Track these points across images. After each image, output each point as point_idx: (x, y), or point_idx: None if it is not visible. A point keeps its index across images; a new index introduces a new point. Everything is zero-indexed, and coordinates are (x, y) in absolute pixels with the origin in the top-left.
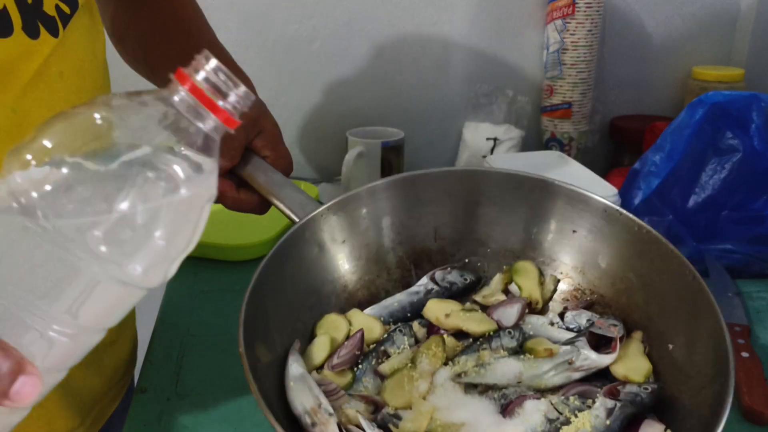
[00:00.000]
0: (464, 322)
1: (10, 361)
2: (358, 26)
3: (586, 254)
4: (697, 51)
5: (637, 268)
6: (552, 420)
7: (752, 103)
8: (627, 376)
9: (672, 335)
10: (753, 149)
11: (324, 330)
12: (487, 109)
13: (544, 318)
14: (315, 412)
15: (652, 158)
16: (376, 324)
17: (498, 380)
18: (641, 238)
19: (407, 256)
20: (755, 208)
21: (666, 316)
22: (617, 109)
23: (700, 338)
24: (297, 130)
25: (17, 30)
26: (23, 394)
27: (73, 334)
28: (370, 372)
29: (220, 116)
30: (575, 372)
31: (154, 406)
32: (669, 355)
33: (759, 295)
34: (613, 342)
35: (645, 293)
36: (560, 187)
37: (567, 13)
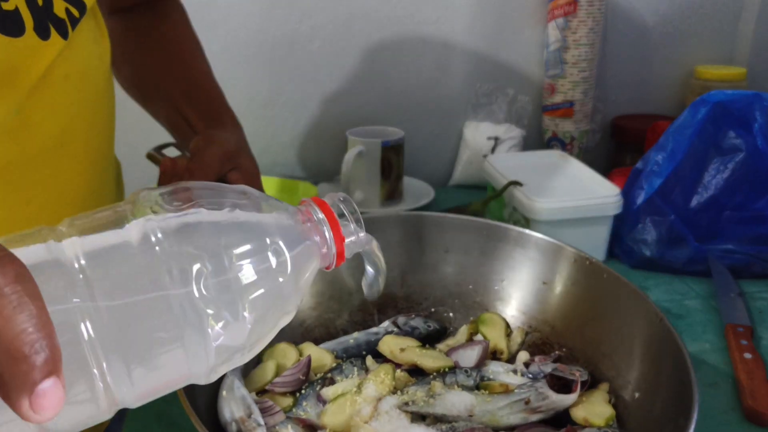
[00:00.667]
0: (419, 358)
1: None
2: (357, 25)
3: (556, 306)
4: (699, 50)
5: (606, 316)
6: None
7: (755, 102)
8: (587, 419)
9: (639, 383)
10: (756, 149)
11: (271, 356)
12: (488, 108)
13: (507, 365)
14: (243, 421)
15: (655, 158)
16: (328, 356)
17: (448, 411)
18: (610, 285)
19: (371, 301)
20: (757, 208)
21: (633, 364)
22: (619, 108)
23: (667, 381)
24: (296, 130)
25: (29, 30)
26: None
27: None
28: (312, 397)
29: (338, 247)
30: (532, 414)
31: (153, 408)
32: (635, 402)
33: (762, 296)
34: (575, 384)
35: (613, 342)
36: (531, 236)
37: (568, 11)
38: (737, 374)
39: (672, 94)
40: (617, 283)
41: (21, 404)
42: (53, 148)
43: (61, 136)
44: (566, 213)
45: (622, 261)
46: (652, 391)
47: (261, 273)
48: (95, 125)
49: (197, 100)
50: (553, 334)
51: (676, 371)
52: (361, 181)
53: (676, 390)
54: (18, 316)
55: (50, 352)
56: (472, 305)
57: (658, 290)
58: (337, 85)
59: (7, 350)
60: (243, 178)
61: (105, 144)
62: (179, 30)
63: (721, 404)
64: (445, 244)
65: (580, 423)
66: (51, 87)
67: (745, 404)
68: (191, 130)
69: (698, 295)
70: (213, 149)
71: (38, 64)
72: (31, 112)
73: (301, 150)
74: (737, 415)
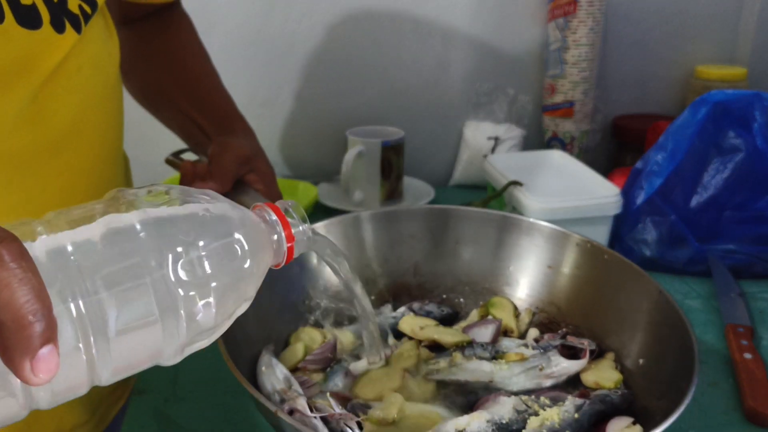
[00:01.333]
0: (439, 334)
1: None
2: (357, 24)
3: (561, 288)
4: (699, 50)
5: (609, 294)
6: (520, 411)
7: (755, 102)
8: (598, 383)
9: (643, 352)
10: (756, 148)
11: (298, 339)
12: (488, 108)
13: (519, 341)
14: (285, 392)
15: (655, 157)
16: (350, 336)
17: (469, 378)
18: (611, 265)
19: (387, 288)
20: (758, 208)
21: (636, 336)
22: (619, 108)
23: (670, 349)
24: (297, 129)
25: (46, 24)
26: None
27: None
28: (341, 373)
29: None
30: (546, 379)
31: (152, 407)
32: (641, 369)
33: (762, 296)
34: (583, 351)
35: (616, 317)
36: (535, 224)
37: (568, 11)
38: (738, 374)
39: (672, 94)
40: (618, 262)
41: (23, 366)
42: (67, 135)
43: (74, 124)
44: (566, 213)
45: None
46: (656, 358)
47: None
48: (107, 116)
49: (210, 109)
50: (560, 314)
51: (678, 339)
52: (361, 181)
53: (679, 356)
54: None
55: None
56: (482, 291)
57: None
58: (336, 84)
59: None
60: (260, 180)
61: (115, 135)
62: (187, 40)
63: (722, 404)
64: (455, 235)
65: (591, 387)
66: (65, 77)
67: (745, 404)
68: (205, 137)
69: (699, 295)
70: (231, 153)
71: (54, 55)
72: (45, 100)
73: (301, 150)
74: (738, 416)
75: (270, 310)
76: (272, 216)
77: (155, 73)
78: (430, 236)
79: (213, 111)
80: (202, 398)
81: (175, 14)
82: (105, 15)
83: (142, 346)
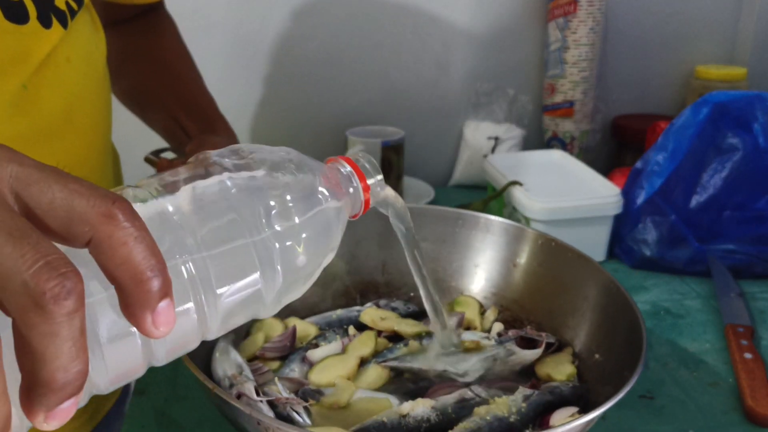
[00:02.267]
0: (398, 325)
1: (165, 276)
2: (357, 25)
3: (525, 285)
4: (699, 50)
5: (570, 291)
6: (467, 399)
7: (756, 103)
8: (550, 375)
9: (600, 346)
10: (756, 148)
11: (260, 329)
12: (488, 108)
13: (481, 333)
14: (234, 377)
15: (655, 158)
16: (312, 328)
17: (423, 366)
18: (573, 262)
19: (354, 285)
20: (758, 208)
21: (594, 331)
22: (619, 107)
23: (623, 342)
24: (296, 129)
25: (33, 19)
26: (164, 319)
27: (203, 320)
28: (298, 360)
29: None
30: (501, 367)
31: (152, 407)
32: (596, 364)
33: (762, 296)
34: (540, 342)
35: (576, 313)
36: (499, 222)
37: (569, 11)
38: (737, 374)
39: (672, 94)
40: (580, 260)
41: (145, 319)
42: (60, 123)
43: (65, 113)
44: (566, 213)
45: (622, 261)
46: (611, 352)
47: (313, 215)
48: (96, 106)
49: (193, 110)
50: (523, 311)
51: (630, 333)
52: None
53: (630, 349)
54: (138, 245)
55: (164, 278)
56: (448, 289)
57: (658, 290)
58: (336, 84)
59: (133, 274)
60: None
61: (105, 126)
62: (172, 42)
63: (722, 404)
64: (422, 234)
65: (544, 378)
66: (54, 68)
67: (745, 405)
68: (187, 137)
69: (699, 295)
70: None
71: (42, 48)
72: (37, 88)
73: (301, 150)
74: (737, 416)
75: None
76: (347, 167)
77: (142, 76)
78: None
79: (197, 112)
80: (202, 398)
81: (160, 16)
82: (91, 11)
83: (246, 298)
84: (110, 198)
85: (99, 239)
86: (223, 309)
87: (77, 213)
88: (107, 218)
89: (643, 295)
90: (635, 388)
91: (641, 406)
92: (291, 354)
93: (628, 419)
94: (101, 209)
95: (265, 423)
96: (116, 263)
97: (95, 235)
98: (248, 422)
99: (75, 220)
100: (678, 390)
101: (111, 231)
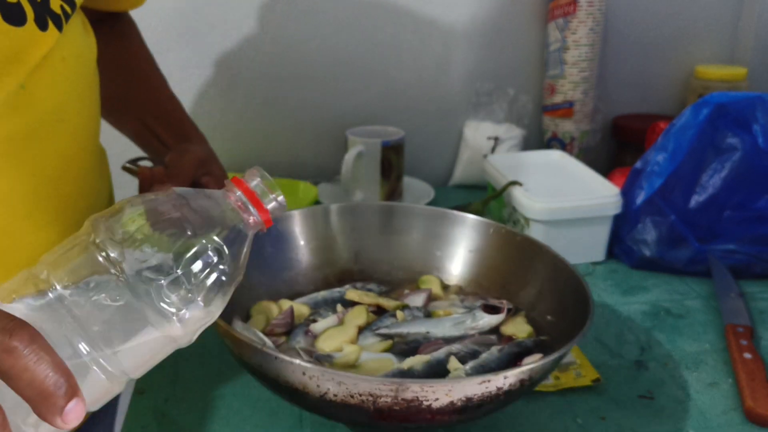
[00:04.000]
0: (381, 300)
1: (69, 382)
2: (357, 25)
3: (482, 267)
4: (699, 50)
5: (520, 267)
6: (453, 353)
7: (757, 104)
8: (514, 334)
9: (551, 310)
10: (756, 149)
11: (259, 312)
12: (488, 108)
13: (446, 302)
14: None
15: (655, 158)
16: (304, 307)
17: (410, 330)
18: (523, 246)
19: (332, 275)
20: (758, 208)
21: (543, 297)
22: (619, 108)
23: (572, 306)
24: (296, 130)
25: (30, 22)
26: (73, 416)
27: (111, 374)
28: (301, 334)
29: (263, 216)
30: (470, 330)
31: (152, 407)
32: (549, 324)
33: (762, 296)
34: (502, 308)
35: (527, 285)
36: (458, 216)
37: (569, 11)
38: (737, 375)
39: (672, 94)
40: (529, 243)
41: (55, 422)
42: (53, 122)
43: (58, 112)
44: (566, 213)
45: (622, 261)
46: (562, 314)
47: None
48: (87, 105)
49: (166, 118)
50: (482, 290)
51: (576, 294)
52: (362, 181)
53: (579, 307)
54: (38, 367)
55: (69, 383)
56: (415, 274)
57: (658, 290)
58: (336, 84)
59: (39, 392)
60: (214, 182)
61: (95, 125)
62: (137, 48)
63: (721, 404)
64: (391, 227)
65: (509, 336)
66: (51, 67)
67: (745, 405)
68: (162, 145)
69: (699, 295)
70: (187, 158)
71: (39, 50)
72: (34, 88)
73: (301, 150)
74: (737, 416)
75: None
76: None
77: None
78: (368, 229)
79: (169, 120)
80: (202, 398)
81: (122, 20)
82: (81, 14)
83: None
84: (8, 331)
85: (4, 371)
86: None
87: None
88: (8, 353)
89: (642, 296)
90: (635, 387)
91: (641, 406)
92: (294, 329)
93: (628, 419)
94: (2, 346)
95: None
96: (22, 386)
97: (1, 367)
98: (294, 372)
99: None
100: (678, 390)
101: (12, 362)
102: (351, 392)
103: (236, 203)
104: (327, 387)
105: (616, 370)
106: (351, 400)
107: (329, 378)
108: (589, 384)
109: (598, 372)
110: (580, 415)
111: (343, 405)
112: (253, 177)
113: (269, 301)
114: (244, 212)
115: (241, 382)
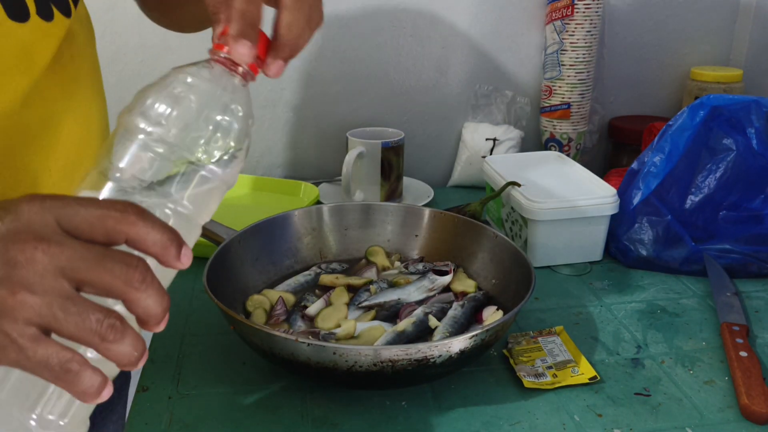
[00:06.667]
0: (350, 280)
1: (176, 233)
2: (358, 27)
3: (426, 247)
4: (695, 52)
5: (463, 246)
6: (428, 312)
7: (753, 108)
8: (464, 290)
9: (493, 275)
10: (750, 149)
11: (255, 306)
12: (487, 109)
13: (394, 270)
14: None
15: (652, 159)
16: (289, 295)
17: (385, 299)
18: (460, 226)
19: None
20: (753, 208)
21: (486, 266)
22: (616, 109)
23: (515, 269)
24: (297, 131)
25: (33, 14)
26: (186, 259)
27: (188, 218)
28: (299, 318)
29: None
30: (430, 292)
31: (156, 405)
32: (493, 285)
33: (757, 295)
34: (449, 269)
35: (470, 260)
36: (399, 207)
37: (566, 14)
38: (733, 373)
39: (668, 95)
40: (465, 223)
41: (176, 266)
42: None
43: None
44: (563, 213)
45: (618, 260)
46: (505, 277)
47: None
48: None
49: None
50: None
51: (518, 262)
52: (362, 182)
53: (522, 271)
54: (156, 227)
55: (178, 241)
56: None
57: (654, 289)
58: (337, 86)
59: (161, 250)
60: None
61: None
62: None
63: (717, 402)
64: (345, 223)
65: (461, 293)
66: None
67: (741, 402)
68: None
69: (695, 294)
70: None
71: (47, 46)
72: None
73: (302, 151)
74: (733, 413)
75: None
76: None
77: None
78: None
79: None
80: (206, 395)
81: None
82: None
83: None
84: (122, 210)
85: (132, 238)
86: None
87: (109, 227)
88: (131, 224)
89: (639, 294)
90: (631, 384)
91: (638, 404)
92: (290, 316)
93: (624, 416)
94: (125, 220)
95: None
96: (148, 246)
97: (128, 236)
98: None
99: (111, 234)
100: (674, 388)
101: (136, 231)
102: (374, 361)
103: (230, 66)
104: (354, 360)
105: (613, 367)
106: (374, 368)
107: (356, 353)
108: (586, 381)
109: (595, 370)
110: (577, 412)
111: (366, 374)
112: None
113: (258, 294)
114: (231, 67)
115: (244, 379)
